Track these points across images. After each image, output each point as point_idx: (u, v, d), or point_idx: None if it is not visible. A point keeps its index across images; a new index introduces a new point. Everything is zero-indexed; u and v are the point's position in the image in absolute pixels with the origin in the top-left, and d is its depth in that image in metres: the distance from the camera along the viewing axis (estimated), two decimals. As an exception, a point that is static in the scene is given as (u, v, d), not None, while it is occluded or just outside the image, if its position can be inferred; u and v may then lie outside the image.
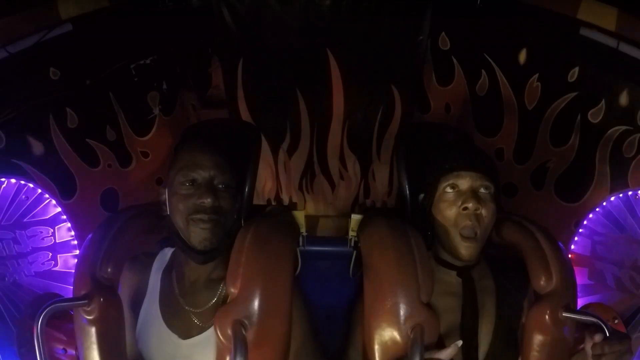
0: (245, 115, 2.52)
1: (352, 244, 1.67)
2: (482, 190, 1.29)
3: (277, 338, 1.20)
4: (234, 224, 1.33)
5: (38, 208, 1.71)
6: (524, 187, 2.16)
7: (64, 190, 1.81)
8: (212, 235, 1.25)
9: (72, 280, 1.27)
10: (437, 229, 1.35)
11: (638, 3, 1.62)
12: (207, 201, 1.23)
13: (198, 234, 1.24)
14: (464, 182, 1.30)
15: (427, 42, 2.32)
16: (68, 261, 1.78)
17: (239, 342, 1.11)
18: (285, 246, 1.32)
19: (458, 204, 1.29)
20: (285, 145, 2.63)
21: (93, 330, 1.19)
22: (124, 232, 1.32)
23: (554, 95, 1.96)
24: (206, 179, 1.26)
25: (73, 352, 1.38)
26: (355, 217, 1.64)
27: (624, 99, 1.77)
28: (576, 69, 1.87)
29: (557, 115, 1.98)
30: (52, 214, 1.74)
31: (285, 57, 2.37)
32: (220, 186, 1.27)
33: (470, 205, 1.26)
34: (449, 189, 1.31)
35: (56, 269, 1.77)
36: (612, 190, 1.85)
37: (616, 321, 1.72)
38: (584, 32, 1.75)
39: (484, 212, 1.27)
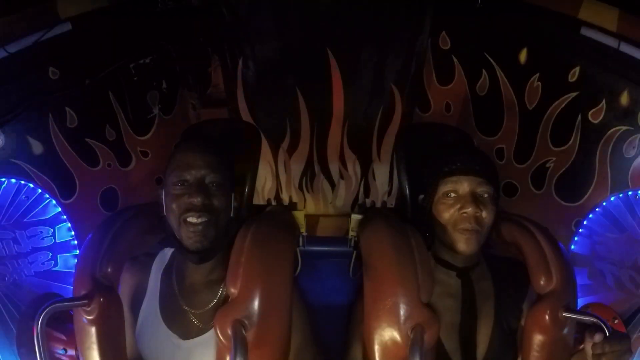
0: (245, 115, 2.52)
1: (352, 244, 1.67)
2: (481, 194, 1.29)
3: (277, 338, 1.20)
4: (231, 223, 1.33)
5: (38, 208, 1.71)
6: (524, 187, 2.15)
7: (64, 190, 1.80)
8: (204, 235, 1.25)
9: (72, 280, 1.27)
10: (437, 229, 1.35)
11: (639, 3, 1.61)
12: (197, 200, 1.23)
13: (189, 234, 1.24)
14: (464, 187, 1.30)
15: (427, 42, 2.32)
16: (68, 261, 1.78)
17: (239, 342, 1.12)
18: (285, 246, 1.32)
19: (457, 207, 1.29)
20: (285, 145, 2.62)
21: (93, 330, 1.19)
22: (124, 232, 1.32)
23: (555, 95, 1.96)
24: (197, 179, 1.26)
25: (73, 352, 1.38)
26: (355, 217, 1.64)
27: (624, 99, 1.76)
28: (577, 69, 1.86)
29: (557, 115, 1.97)
30: (52, 214, 1.74)
31: (285, 56, 2.37)
32: (212, 185, 1.27)
33: (469, 210, 1.27)
34: (448, 193, 1.31)
35: (56, 269, 1.76)
36: (612, 190, 1.84)
37: (616, 321, 1.72)
38: (585, 31, 1.74)
39: (484, 214, 1.28)
